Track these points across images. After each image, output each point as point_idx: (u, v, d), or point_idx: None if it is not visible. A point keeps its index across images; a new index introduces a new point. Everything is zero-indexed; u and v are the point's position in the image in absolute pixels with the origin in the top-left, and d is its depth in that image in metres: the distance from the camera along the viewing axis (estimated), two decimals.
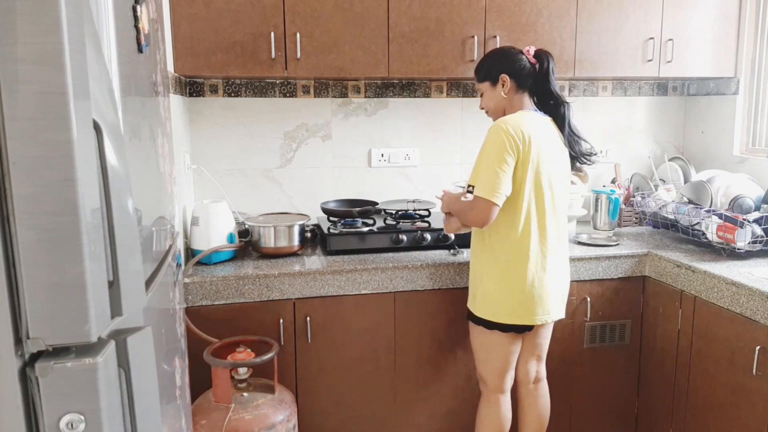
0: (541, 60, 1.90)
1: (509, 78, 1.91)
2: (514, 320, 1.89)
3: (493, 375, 2.00)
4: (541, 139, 1.83)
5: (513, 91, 1.92)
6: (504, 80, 1.91)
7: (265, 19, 2.19)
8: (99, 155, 0.70)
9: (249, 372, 1.92)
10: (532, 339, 2.03)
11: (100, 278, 0.69)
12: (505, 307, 1.89)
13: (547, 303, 1.90)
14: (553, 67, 1.91)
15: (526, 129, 1.80)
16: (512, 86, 1.91)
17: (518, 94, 1.93)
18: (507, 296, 1.88)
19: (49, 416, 0.67)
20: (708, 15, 2.59)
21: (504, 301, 1.88)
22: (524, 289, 1.86)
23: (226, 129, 2.57)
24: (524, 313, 1.88)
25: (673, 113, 3.05)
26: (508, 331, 1.92)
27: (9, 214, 0.64)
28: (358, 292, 2.13)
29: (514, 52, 1.93)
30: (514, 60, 1.91)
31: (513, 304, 1.88)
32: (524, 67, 1.90)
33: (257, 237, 2.23)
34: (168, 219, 1.25)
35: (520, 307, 1.88)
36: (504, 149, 1.77)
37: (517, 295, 1.87)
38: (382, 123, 2.71)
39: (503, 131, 1.78)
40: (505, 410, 2.03)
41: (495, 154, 1.78)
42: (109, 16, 0.81)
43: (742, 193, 2.42)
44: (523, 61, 1.90)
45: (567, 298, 2.02)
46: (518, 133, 1.79)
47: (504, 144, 1.77)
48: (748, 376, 1.89)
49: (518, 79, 1.91)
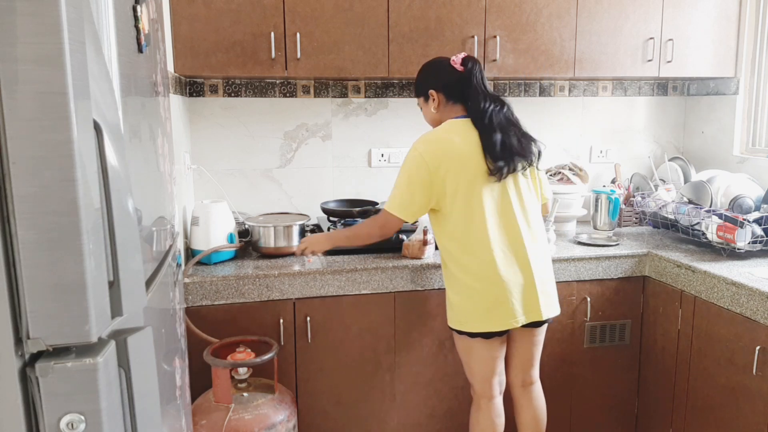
0: (466, 65, 1.88)
1: (437, 92, 1.92)
2: (486, 328, 1.86)
3: (479, 381, 1.98)
4: (460, 146, 1.81)
5: (443, 104, 1.93)
6: (433, 95, 1.93)
7: (265, 19, 2.19)
8: (99, 155, 0.70)
9: (249, 372, 1.92)
10: (520, 344, 1.99)
11: (100, 278, 0.69)
12: (472, 317, 1.86)
13: (512, 307, 1.84)
14: (474, 69, 1.87)
15: (441, 143, 1.82)
16: (441, 100, 1.93)
17: (448, 106, 1.93)
18: (468, 304, 1.86)
19: (50, 416, 0.67)
20: (708, 15, 2.59)
21: (467, 309, 1.87)
22: (484, 295, 1.83)
23: (226, 129, 2.57)
24: (490, 320, 1.85)
25: (673, 113, 3.05)
26: (491, 337, 1.89)
27: (9, 214, 0.64)
28: (358, 292, 2.13)
29: (443, 63, 1.93)
30: (441, 73, 1.92)
31: (478, 313, 1.85)
32: (450, 79, 1.90)
33: (257, 237, 2.23)
34: (168, 219, 1.25)
35: (486, 313, 1.84)
36: (416, 170, 1.82)
37: (479, 303, 1.84)
38: (382, 123, 2.71)
39: (416, 152, 1.83)
40: (495, 415, 2.00)
41: (407, 175, 1.84)
42: (109, 16, 0.81)
43: (742, 193, 2.42)
44: (448, 73, 1.90)
45: (553, 296, 1.95)
46: (430, 150, 1.81)
47: (416, 165, 1.82)
48: (748, 376, 1.89)
49: (445, 91, 1.92)
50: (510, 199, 1.86)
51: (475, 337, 1.90)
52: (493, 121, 1.83)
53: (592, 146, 2.97)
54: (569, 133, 2.93)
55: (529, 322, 1.89)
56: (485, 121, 1.83)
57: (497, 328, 1.87)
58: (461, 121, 1.88)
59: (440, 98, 1.93)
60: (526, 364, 2.02)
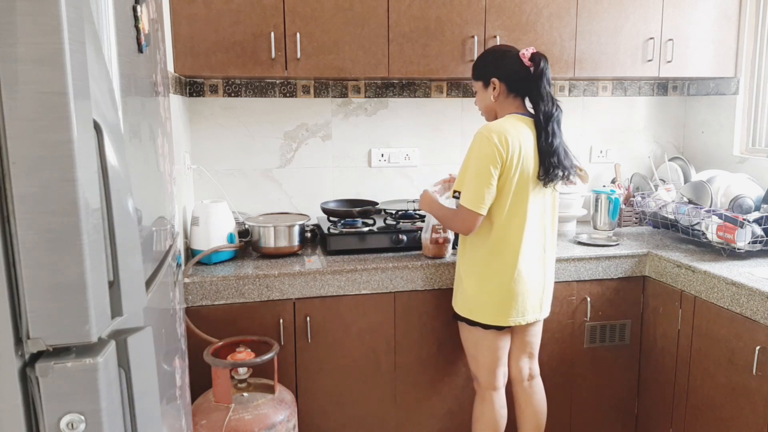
0: (537, 62, 1.85)
1: (499, 82, 1.89)
2: (491, 321, 1.92)
3: (483, 372, 2.02)
4: (525, 144, 1.82)
5: (503, 95, 1.90)
6: (495, 84, 1.90)
7: (265, 19, 2.19)
8: (99, 155, 0.70)
9: (249, 372, 1.92)
10: (522, 337, 2.04)
11: (100, 278, 0.69)
12: (483, 306, 1.91)
13: (524, 305, 1.91)
14: (546, 69, 1.86)
15: (512, 136, 1.79)
16: (502, 90, 1.90)
17: (509, 98, 1.91)
18: (485, 296, 1.90)
19: (50, 416, 0.67)
20: (708, 15, 2.59)
21: (482, 300, 1.91)
22: (502, 290, 1.88)
23: (226, 129, 2.57)
24: (501, 314, 1.90)
25: (673, 113, 3.05)
26: (502, 329, 1.95)
27: (9, 214, 0.64)
28: (358, 292, 2.13)
29: (511, 54, 1.89)
30: (508, 63, 1.88)
31: (490, 304, 1.90)
32: (517, 71, 1.87)
33: (257, 237, 2.23)
34: (168, 219, 1.25)
35: (499, 307, 1.89)
36: (490, 160, 1.78)
37: (494, 296, 1.89)
38: (382, 123, 2.71)
39: (490, 141, 1.78)
40: (498, 407, 2.03)
41: (481, 163, 1.79)
42: (109, 16, 0.81)
43: (742, 193, 2.42)
44: (516, 65, 1.87)
45: (551, 298, 2.04)
46: (503, 141, 1.78)
47: (490, 154, 1.78)
48: (748, 376, 1.89)
49: (509, 83, 1.89)
50: (546, 205, 1.92)
51: (489, 328, 1.94)
52: (555, 127, 1.84)
53: (592, 146, 2.97)
54: (569, 133, 2.92)
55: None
56: (550, 127, 1.83)
57: (505, 323, 1.92)
58: (525, 118, 1.88)
59: (502, 89, 1.89)
60: (529, 355, 2.07)
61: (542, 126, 1.84)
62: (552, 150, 1.83)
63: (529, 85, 1.87)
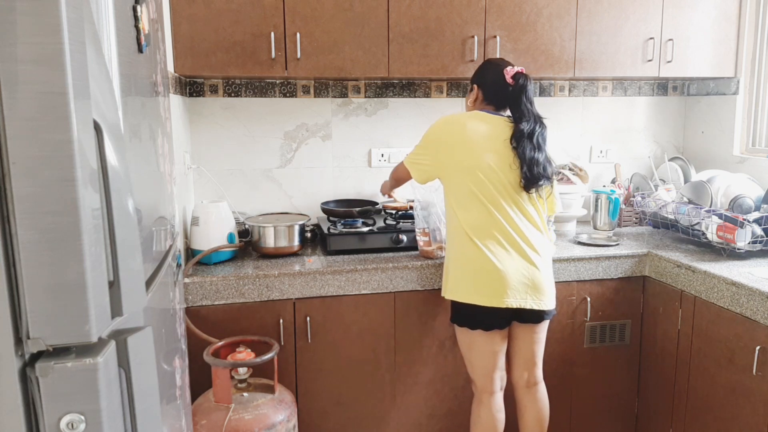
0: (517, 79, 1.93)
1: (478, 89, 2.02)
2: (480, 300, 1.88)
3: (479, 375, 2.00)
4: (482, 132, 1.90)
5: (480, 102, 2.02)
6: (474, 90, 2.03)
7: (265, 19, 2.19)
8: (99, 155, 0.70)
9: (249, 372, 1.92)
10: (521, 342, 2.01)
11: (100, 278, 0.69)
12: (467, 285, 1.91)
13: (515, 288, 1.87)
14: (526, 86, 1.92)
15: (464, 121, 1.92)
16: (480, 97, 2.02)
17: (483, 105, 2.01)
18: (466, 274, 1.91)
19: (50, 416, 0.67)
20: (708, 15, 2.59)
21: (465, 279, 1.91)
22: (479, 267, 1.88)
23: (226, 129, 2.57)
24: (490, 294, 1.87)
25: (673, 113, 3.05)
26: (491, 329, 1.93)
27: (9, 214, 0.64)
28: (358, 292, 2.13)
29: (498, 67, 1.98)
30: (490, 74, 1.99)
31: (474, 282, 1.89)
32: (495, 82, 1.96)
33: (257, 237, 2.23)
34: (168, 219, 1.25)
35: (484, 287, 1.88)
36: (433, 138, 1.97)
37: (475, 274, 1.89)
38: (382, 123, 2.71)
39: (437, 124, 1.98)
40: (495, 411, 2.01)
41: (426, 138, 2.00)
42: (109, 16, 0.81)
43: (742, 193, 2.42)
44: (497, 77, 1.96)
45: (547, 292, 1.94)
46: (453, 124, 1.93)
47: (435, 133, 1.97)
48: (748, 376, 1.89)
49: (486, 91, 2.00)
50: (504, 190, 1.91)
51: (476, 329, 1.93)
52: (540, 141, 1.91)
53: (592, 146, 2.97)
54: (569, 133, 2.93)
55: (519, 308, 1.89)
56: (535, 140, 1.90)
57: (494, 304, 1.88)
58: (488, 115, 1.96)
59: (479, 95, 2.02)
60: (529, 363, 2.03)
61: (518, 139, 1.90)
62: (533, 161, 1.89)
63: (506, 99, 1.96)
